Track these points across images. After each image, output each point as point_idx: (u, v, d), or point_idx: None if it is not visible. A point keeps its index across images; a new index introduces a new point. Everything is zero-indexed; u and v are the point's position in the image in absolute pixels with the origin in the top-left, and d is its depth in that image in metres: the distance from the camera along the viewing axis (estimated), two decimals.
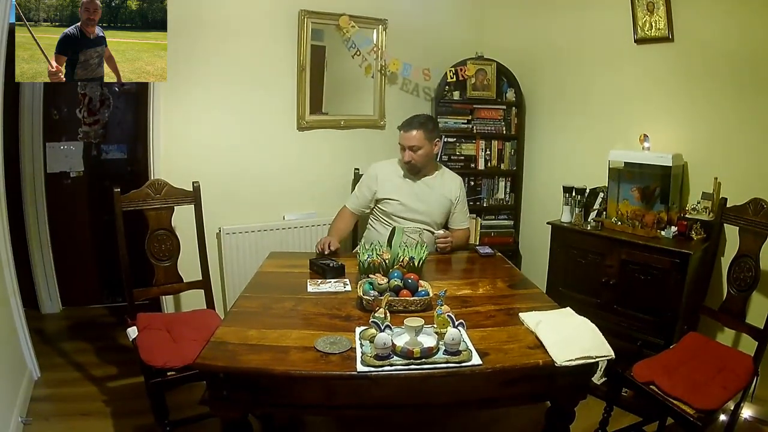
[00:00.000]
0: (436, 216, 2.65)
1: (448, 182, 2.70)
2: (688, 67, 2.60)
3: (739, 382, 1.91)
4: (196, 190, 2.47)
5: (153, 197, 2.37)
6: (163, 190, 2.39)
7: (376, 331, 1.47)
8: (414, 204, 2.61)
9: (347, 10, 3.10)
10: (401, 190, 2.62)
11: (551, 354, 1.51)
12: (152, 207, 2.36)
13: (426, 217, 2.62)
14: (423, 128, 2.53)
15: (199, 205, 2.48)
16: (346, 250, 3.23)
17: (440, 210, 2.66)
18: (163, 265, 2.41)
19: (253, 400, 1.52)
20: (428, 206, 2.62)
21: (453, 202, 2.69)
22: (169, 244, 2.42)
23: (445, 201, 2.66)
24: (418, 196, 2.62)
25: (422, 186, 2.64)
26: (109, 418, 2.40)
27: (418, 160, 2.56)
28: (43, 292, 3.53)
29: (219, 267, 3.05)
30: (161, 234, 2.39)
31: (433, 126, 2.61)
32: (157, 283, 2.41)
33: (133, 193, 2.33)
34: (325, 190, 3.28)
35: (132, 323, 2.25)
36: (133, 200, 2.32)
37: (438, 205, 2.64)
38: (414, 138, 2.52)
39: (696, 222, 2.49)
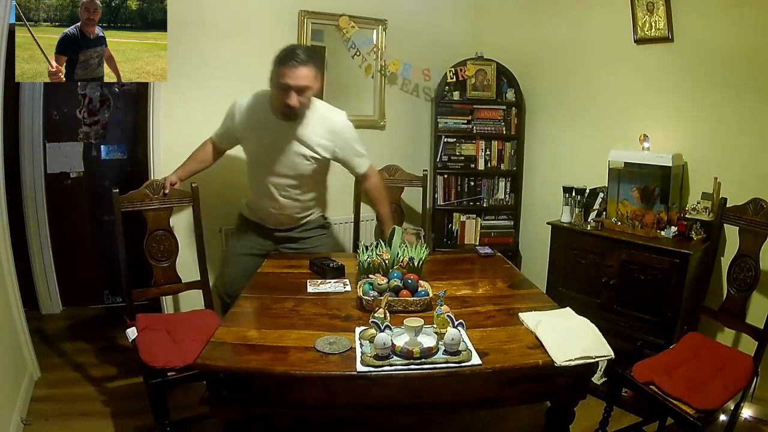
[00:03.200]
0: (304, 169, 2.26)
1: (320, 125, 2.22)
2: (687, 67, 2.60)
3: (739, 382, 1.91)
4: (194, 191, 2.46)
5: (152, 198, 2.35)
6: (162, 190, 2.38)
7: (376, 331, 1.47)
8: (269, 154, 2.22)
9: (347, 10, 3.10)
10: (262, 140, 2.21)
11: (551, 354, 1.51)
12: (151, 207, 2.35)
13: (290, 170, 2.25)
14: (313, 63, 2.05)
15: (197, 206, 2.47)
16: (345, 249, 3.24)
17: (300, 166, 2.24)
18: (162, 266, 2.39)
19: (253, 400, 1.52)
20: (286, 158, 2.22)
21: (321, 156, 2.24)
22: (168, 245, 2.40)
23: (310, 154, 2.24)
24: (277, 145, 2.19)
25: (283, 133, 2.19)
26: (109, 418, 2.40)
27: (306, 103, 2.10)
28: (43, 292, 3.53)
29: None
30: (160, 234, 2.37)
31: (318, 58, 2.21)
32: (156, 283, 2.39)
33: (132, 193, 2.31)
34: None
35: (131, 324, 2.24)
36: (132, 201, 2.31)
37: (298, 160, 2.23)
38: (305, 77, 2.02)
39: (696, 222, 2.49)
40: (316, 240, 2.53)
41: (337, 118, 2.28)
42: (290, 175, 2.27)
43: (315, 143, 2.23)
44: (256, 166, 2.35)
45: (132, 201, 2.31)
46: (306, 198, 2.39)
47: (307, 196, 2.39)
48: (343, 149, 2.30)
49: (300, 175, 2.29)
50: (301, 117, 2.16)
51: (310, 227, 2.51)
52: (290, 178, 2.29)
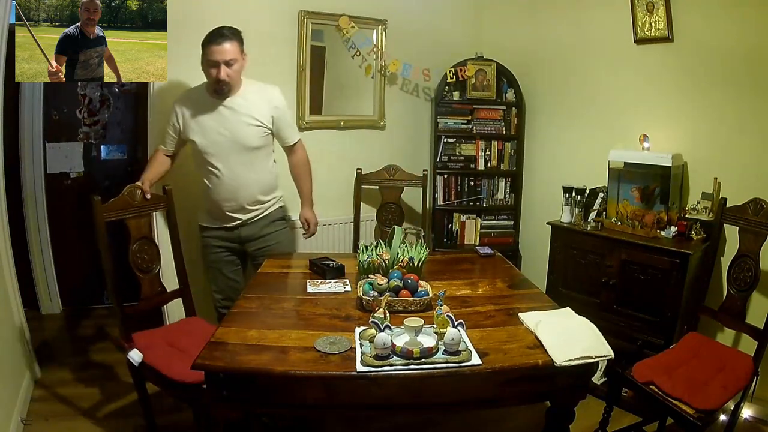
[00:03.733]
0: (250, 141, 2.38)
1: (258, 96, 2.39)
2: (687, 67, 2.60)
3: (739, 382, 1.91)
4: (168, 194, 2.35)
5: (132, 205, 2.19)
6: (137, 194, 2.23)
7: (376, 331, 1.47)
8: (215, 137, 2.32)
9: (347, 10, 3.10)
10: (202, 124, 2.33)
11: (551, 354, 1.51)
12: (132, 216, 2.19)
13: (238, 146, 2.36)
14: (236, 38, 2.24)
15: (172, 210, 2.36)
16: (345, 249, 3.24)
17: (248, 137, 2.35)
18: (148, 277, 2.23)
19: (253, 400, 1.52)
20: (232, 134, 2.32)
21: (262, 123, 2.37)
22: (151, 253, 2.24)
23: (252, 123, 2.35)
24: (221, 124, 2.32)
25: (224, 111, 2.32)
26: (109, 418, 2.40)
27: (234, 76, 2.26)
28: (43, 292, 3.53)
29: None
30: (142, 243, 2.21)
31: (240, 34, 2.29)
32: (144, 296, 2.22)
33: (114, 201, 2.14)
34: (326, 191, 3.26)
35: (130, 346, 2.05)
36: (114, 209, 2.13)
37: (245, 131, 2.34)
38: (230, 51, 2.20)
39: (696, 222, 2.49)
40: (278, 235, 2.57)
41: (273, 90, 2.46)
42: (238, 150, 2.36)
43: (256, 111, 2.36)
44: (206, 156, 2.36)
45: (114, 210, 2.13)
46: (257, 177, 2.44)
47: (258, 175, 2.44)
48: (279, 118, 2.45)
49: (248, 149, 2.38)
50: (235, 90, 2.32)
51: (271, 220, 2.54)
52: (239, 154, 2.36)
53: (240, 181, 2.39)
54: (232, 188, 2.38)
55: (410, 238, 2.32)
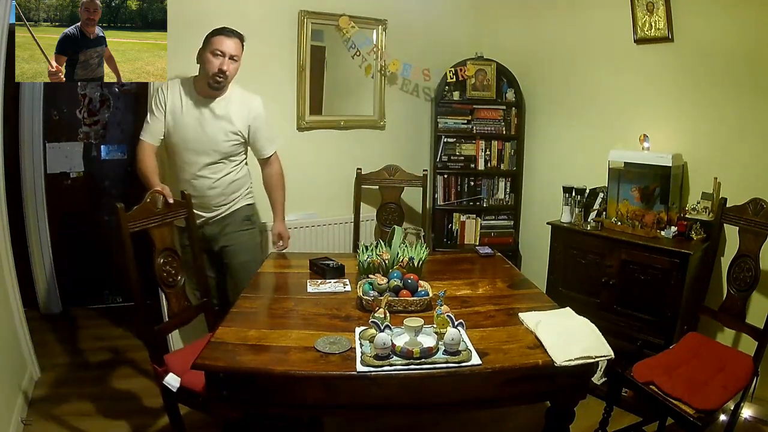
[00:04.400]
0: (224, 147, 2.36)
1: (240, 103, 2.38)
2: (687, 67, 2.60)
3: (739, 382, 1.91)
4: (187, 198, 2.20)
5: (154, 212, 2.00)
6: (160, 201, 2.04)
7: (376, 331, 1.47)
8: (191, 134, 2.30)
9: (347, 10, 3.10)
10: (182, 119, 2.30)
11: (551, 354, 1.51)
12: (155, 224, 1.98)
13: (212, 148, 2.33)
14: (242, 41, 2.30)
15: (192, 215, 2.22)
16: (345, 249, 3.24)
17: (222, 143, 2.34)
18: (174, 291, 2.04)
19: (253, 400, 1.52)
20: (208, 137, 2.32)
21: (239, 131, 2.37)
22: (175, 265, 2.05)
23: (230, 129, 2.35)
24: (200, 124, 2.31)
25: (206, 112, 2.32)
26: (109, 418, 2.40)
27: (231, 74, 2.28)
28: (43, 292, 3.53)
29: None
30: (167, 255, 2.02)
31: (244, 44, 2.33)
32: (172, 313, 2.03)
33: (137, 209, 1.94)
34: (326, 191, 3.28)
35: (163, 370, 1.86)
36: (138, 218, 1.93)
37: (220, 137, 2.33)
38: (236, 47, 2.26)
39: (696, 222, 2.49)
40: (241, 236, 2.50)
41: (255, 99, 2.45)
42: (211, 153, 2.34)
43: (235, 118, 2.36)
44: (179, 150, 2.34)
45: (138, 219, 1.92)
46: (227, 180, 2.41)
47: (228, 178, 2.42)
48: (257, 129, 2.44)
49: (221, 153, 2.36)
50: (224, 89, 2.33)
51: (235, 219, 2.49)
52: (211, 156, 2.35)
53: (208, 183, 2.37)
54: (200, 188, 2.35)
55: (410, 238, 2.33)
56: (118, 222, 1.85)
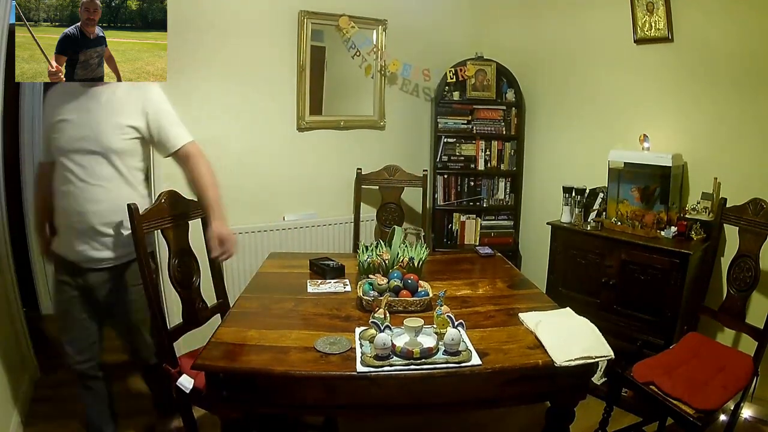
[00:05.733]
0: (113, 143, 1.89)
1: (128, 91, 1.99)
2: (687, 67, 2.60)
3: (739, 382, 1.91)
4: None
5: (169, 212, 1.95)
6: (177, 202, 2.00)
7: (376, 332, 1.47)
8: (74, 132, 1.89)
9: (347, 10, 3.10)
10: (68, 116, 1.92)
11: (551, 354, 1.51)
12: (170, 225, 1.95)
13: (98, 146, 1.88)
14: None
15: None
16: (345, 249, 3.24)
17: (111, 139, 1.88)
18: (189, 293, 2.01)
19: (253, 400, 1.52)
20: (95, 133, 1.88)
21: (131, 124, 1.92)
22: (190, 267, 2.02)
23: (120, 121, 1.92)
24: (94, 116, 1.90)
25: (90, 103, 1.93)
26: None
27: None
28: (43, 292, 3.53)
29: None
30: (182, 255, 1.99)
31: None
32: (187, 315, 1.99)
33: (151, 209, 1.88)
34: (326, 191, 3.28)
35: (176, 372, 1.83)
36: (151, 219, 1.88)
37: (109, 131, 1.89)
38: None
39: (696, 222, 2.49)
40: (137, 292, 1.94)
41: (148, 84, 2.03)
42: (98, 152, 1.89)
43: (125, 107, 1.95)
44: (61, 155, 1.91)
45: (151, 219, 1.87)
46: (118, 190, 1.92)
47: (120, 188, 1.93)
48: (156, 113, 1.97)
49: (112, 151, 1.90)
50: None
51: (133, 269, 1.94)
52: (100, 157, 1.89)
53: (95, 192, 1.88)
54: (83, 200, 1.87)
55: (410, 238, 2.33)
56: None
